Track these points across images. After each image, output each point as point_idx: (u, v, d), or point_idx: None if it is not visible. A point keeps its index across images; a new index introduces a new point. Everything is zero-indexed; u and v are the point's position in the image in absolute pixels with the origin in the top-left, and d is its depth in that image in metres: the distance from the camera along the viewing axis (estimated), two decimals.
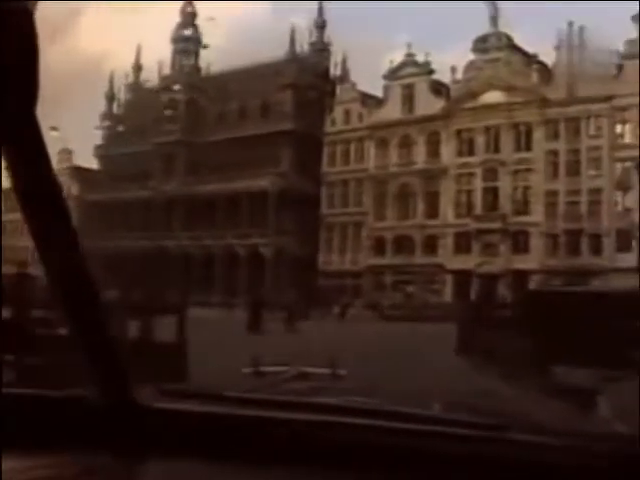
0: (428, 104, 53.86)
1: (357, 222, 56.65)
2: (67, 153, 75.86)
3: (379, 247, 55.03)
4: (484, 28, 53.12)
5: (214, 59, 67.56)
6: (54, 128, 39.79)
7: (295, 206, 57.02)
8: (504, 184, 50.80)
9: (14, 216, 23.57)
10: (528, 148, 50.26)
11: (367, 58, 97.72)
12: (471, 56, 53.94)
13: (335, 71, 65.13)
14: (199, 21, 68.76)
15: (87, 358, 1.12)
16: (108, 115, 74.89)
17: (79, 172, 75.32)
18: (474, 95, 52.21)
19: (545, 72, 50.98)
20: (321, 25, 67.76)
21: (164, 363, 7.20)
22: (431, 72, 55.20)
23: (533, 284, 45.49)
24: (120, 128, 73.19)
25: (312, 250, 56.60)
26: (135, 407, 1.17)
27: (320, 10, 67.72)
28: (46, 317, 8.64)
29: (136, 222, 63.78)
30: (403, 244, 53.99)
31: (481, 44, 52.91)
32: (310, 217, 56.71)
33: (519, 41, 53.01)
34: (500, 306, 19.04)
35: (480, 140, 51.90)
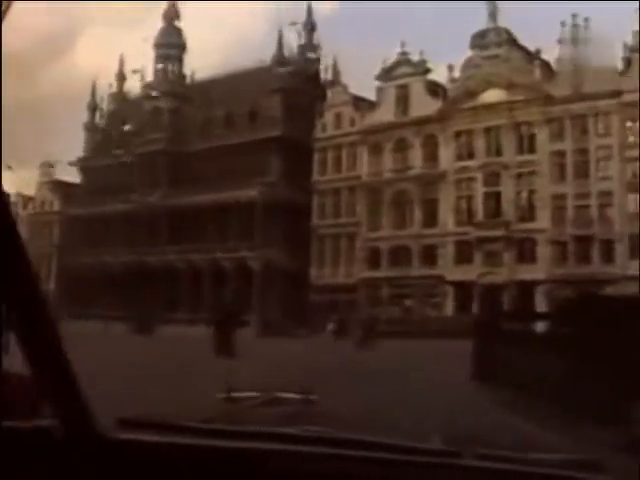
0: (424, 105, 51.18)
1: (350, 233, 53.79)
2: (49, 166, 73.16)
3: (374, 259, 52.03)
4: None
5: (203, 65, 64.79)
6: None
7: (285, 217, 54.39)
8: (507, 189, 48.02)
9: None
10: (532, 149, 47.54)
11: (360, 61, 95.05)
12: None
13: (326, 75, 62.32)
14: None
15: (46, 391, 1.13)
16: (90, 126, 72.23)
17: (61, 186, 72.56)
18: (473, 94, 49.48)
19: (547, 68, 48.14)
20: (310, 28, 65.00)
21: None
22: (427, 71, 52.64)
23: (540, 295, 42.76)
24: (103, 139, 70.35)
25: (303, 263, 53.62)
26: (97, 439, 1.16)
27: (309, 12, 65.24)
28: None
29: (120, 236, 61.17)
30: (400, 255, 51.06)
31: (479, 40, 50.04)
32: (301, 228, 54.04)
33: (520, 36, 50.12)
34: (523, 318, 15.79)
35: (480, 142, 49.21)
